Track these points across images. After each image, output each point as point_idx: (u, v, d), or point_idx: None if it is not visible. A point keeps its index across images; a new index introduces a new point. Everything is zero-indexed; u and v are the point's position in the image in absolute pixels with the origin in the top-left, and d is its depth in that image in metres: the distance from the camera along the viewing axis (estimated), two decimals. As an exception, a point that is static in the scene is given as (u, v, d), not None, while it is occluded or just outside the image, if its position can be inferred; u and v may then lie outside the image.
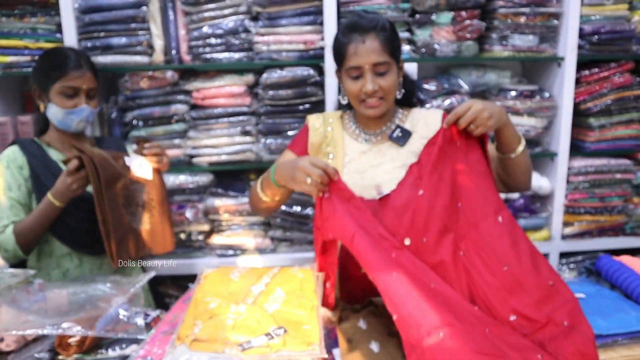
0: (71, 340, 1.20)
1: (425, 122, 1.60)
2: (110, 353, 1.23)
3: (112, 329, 1.25)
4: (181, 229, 2.37)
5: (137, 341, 1.25)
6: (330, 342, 1.25)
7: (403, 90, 1.59)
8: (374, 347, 1.25)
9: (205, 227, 2.40)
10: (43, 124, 1.85)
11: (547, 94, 2.50)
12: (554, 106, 2.48)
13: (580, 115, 2.54)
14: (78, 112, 1.74)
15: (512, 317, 1.19)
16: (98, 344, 1.24)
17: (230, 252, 2.42)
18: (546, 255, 2.60)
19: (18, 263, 1.75)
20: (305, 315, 1.19)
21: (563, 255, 2.62)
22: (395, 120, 1.62)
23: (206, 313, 1.20)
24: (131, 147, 1.87)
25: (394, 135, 1.57)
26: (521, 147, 1.44)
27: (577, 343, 1.15)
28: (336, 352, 1.23)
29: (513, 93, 2.45)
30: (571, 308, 1.17)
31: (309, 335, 1.12)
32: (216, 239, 2.42)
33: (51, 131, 1.83)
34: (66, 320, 1.20)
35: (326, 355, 1.07)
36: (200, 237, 2.41)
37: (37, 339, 1.26)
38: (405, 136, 1.56)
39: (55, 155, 1.80)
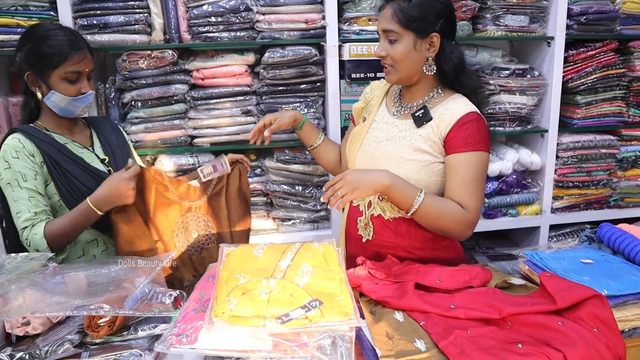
0: (101, 321, 1.20)
1: (446, 113, 1.58)
2: (140, 333, 1.23)
3: (141, 308, 1.26)
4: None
5: (164, 320, 1.27)
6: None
7: (434, 67, 1.58)
8: (399, 316, 1.30)
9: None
10: (35, 109, 1.73)
11: (537, 73, 2.57)
12: (544, 84, 2.56)
13: (567, 93, 2.63)
14: (84, 99, 1.66)
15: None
16: (126, 324, 1.25)
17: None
18: (537, 228, 2.70)
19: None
20: (336, 287, 1.23)
21: (552, 227, 2.72)
22: (429, 99, 1.63)
23: (238, 289, 1.22)
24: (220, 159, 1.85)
25: (416, 114, 1.60)
26: (412, 211, 1.52)
27: (593, 306, 1.22)
28: (362, 322, 1.27)
29: (506, 72, 2.52)
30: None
31: (343, 306, 1.16)
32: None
33: (46, 116, 1.71)
34: (93, 301, 1.21)
35: (364, 324, 1.11)
36: (203, 217, 2.41)
37: (62, 321, 1.26)
38: (422, 118, 1.59)
39: (61, 139, 1.70)
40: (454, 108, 1.58)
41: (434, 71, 1.59)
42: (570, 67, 2.58)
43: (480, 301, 1.32)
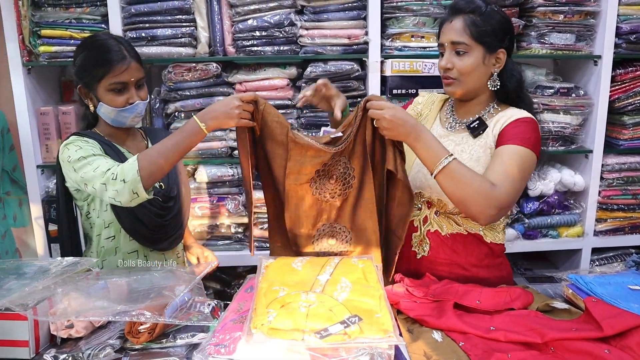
0: (141, 327, 1.22)
1: (502, 117, 1.57)
2: (179, 341, 1.25)
3: (180, 316, 1.27)
4: (221, 221, 2.40)
5: (202, 329, 1.28)
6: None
7: (498, 82, 1.56)
8: (437, 336, 1.28)
9: (245, 220, 2.42)
10: (92, 119, 1.74)
11: (582, 92, 2.52)
12: (590, 104, 2.50)
13: (614, 113, 2.56)
14: (131, 110, 1.63)
15: None
16: (165, 332, 1.27)
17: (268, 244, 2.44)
18: (579, 251, 2.63)
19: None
20: (375, 303, 1.22)
21: (594, 250, 2.64)
22: (485, 113, 1.61)
23: (277, 302, 1.23)
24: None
25: (471, 125, 1.59)
26: (435, 171, 1.42)
27: (642, 335, 1.18)
28: (402, 341, 1.26)
29: (550, 90, 2.47)
30: None
31: (382, 323, 1.15)
32: (255, 232, 2.44)
33: (102, 126, 1.72)
34: (135, 307, 1.23)
35: (403, 342, 1.10)
36: (240, 230, 2.43)
37: (104, 325, 1.29)
38: (479, 128, 1.57)
39: (117, 146, 1.69)
40: (510, 114, 1.56)
41: (498, 87, 1.57)
42: (617, 87, 2.52)
43: (521, 324, 1.29)
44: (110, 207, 1.66)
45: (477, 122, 1.59)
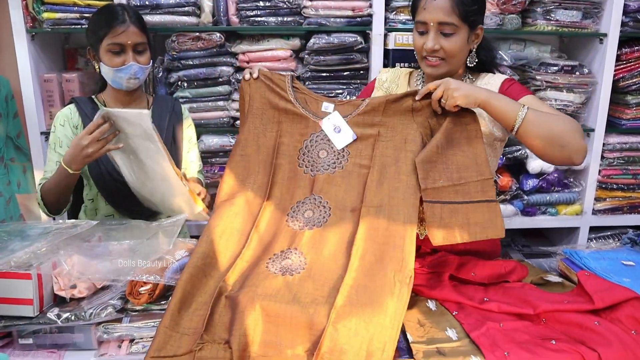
0: (142, 289, 1.25)
1: (487, 86, 1.55)
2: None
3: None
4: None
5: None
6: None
7: (476, 58, 1.56)
8: (431, 305, 1.31)
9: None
10: (102, 83, 1.85)
11: (586, 70, 2.50)
12: (594, 82, 2.49)
13: (617, 93, 2.56)
14: (125, 70, 1.70)
15: None
16: (165, 294, 1.30)
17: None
18: (576, 229, 2.65)
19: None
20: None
21: (592, 229, 2.66)
22: None
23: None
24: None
25: None
26: (518, 122, 1.35)
27: (632, 308, 1.20)
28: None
29: (554, 68, 2.46)
30: None
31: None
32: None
33: (108, 89, 1.83)
34: (136, 270, 1.26)
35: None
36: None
37: (106, 287, 1.32)
38: None
39: None
40: (492, 82, 1.57)
41: (475, 62, 1.57)
42: (622, 66, 2.50)
43: (514, 296, 1.31)
44: (87, 168, 1.75)
45: None
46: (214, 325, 1.13)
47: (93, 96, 1.85)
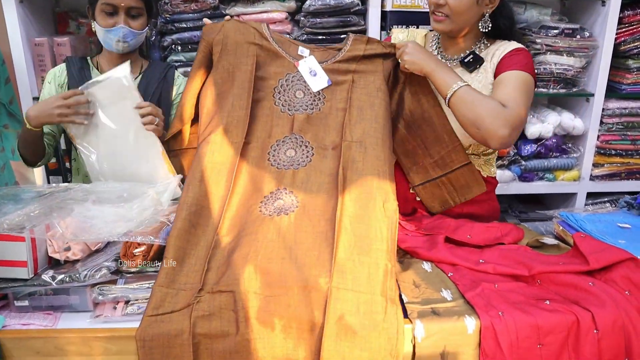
0: (136, 250, 1.25)
1: (497, 51, 1.55)
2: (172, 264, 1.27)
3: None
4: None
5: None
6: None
7: (490, 24, 1.53)
8: (427, 267, 1.31)
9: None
10: (100, 45, 1.83)
11: (587, 33, 2.46)
12: (595, 46, 2.45)
13: (618, 57, 2.52)
14: (114, 32, 1.70)
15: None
16: (159, 256, 1.29)
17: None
18: (573, 195, 2.64)
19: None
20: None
21: (589, 195, 2.66)
22: (475, 49, 1.59)
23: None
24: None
25: (465, 60, 1.57)
26: (448, 96, 1.44)
27: (627, 268, 1.20)
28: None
29: (554, 31, 2.42)
30: None
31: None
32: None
33: (103, 52, 1.83)
34: (130, 231, 1.26)
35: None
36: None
37: (100, 249, 1.31)
38: (474, 62, 1.55)
39: (96, 76, 1.75)
40: (504, 47, 1.55)
41: (489, 28, 1.54)
42: (624, 29, 2.45)
43: (510, 258, 1.32)
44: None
45: (471, 56, 1.57)
46: (212, 280, 1.14)
47: (88, 58, 1.85)
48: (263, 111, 1.48)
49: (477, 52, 1.58)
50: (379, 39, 1.63)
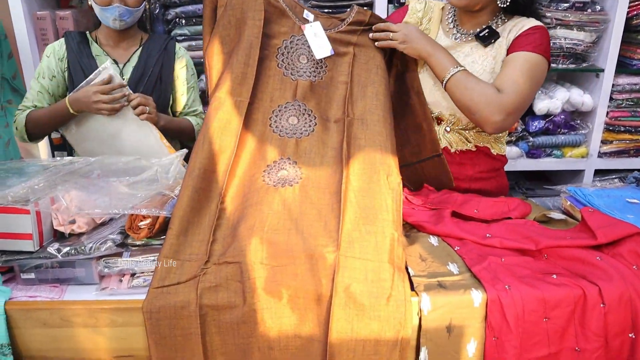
0: (141, 223, 1.24)
1: (515, 27, 1.52)
2: (178, 238, 1.27)
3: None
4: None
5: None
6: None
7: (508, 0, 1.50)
8: (433, 241, 1.30)
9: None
10: (98, 19, 1.84)
11: (598, 7, 2.41)
12: (606, 20, 2.40)
13: (630, 32, 2.47)
14: (110, 10, 1.72)
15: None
16: (165, 229, 1.29)
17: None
18: (581, 172, 2.62)
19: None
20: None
21: (597, 172, 2.64)
22: (492, 24, 1.55)
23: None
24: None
25: (481, 34, 1.54)
26: (445, 80, 1.45)
27: (635, 243, 1.19)
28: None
29: (565, 4, 2.38)
30: None
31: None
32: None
33: (101, 27, 1.84)
34: (136, 204, 1.25)
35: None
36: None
37: (105, 222, 1.31)
38: (490, 37, 1.52)
39: (96, 50, 1.82)
40: (522, 24, 1.52)
41: (507, 3, 1.50)
42: (636, 3, 2.40)
43: (517, 232, 1.31)
44: None
45: (487, 31, 1.53)
46: (218, 251, 1.14)
47: (87, 32, 1.85)
48: (265, 72, 1.42)
49: (494, 28, 1.54)
50: (383, 16, 1.60)
